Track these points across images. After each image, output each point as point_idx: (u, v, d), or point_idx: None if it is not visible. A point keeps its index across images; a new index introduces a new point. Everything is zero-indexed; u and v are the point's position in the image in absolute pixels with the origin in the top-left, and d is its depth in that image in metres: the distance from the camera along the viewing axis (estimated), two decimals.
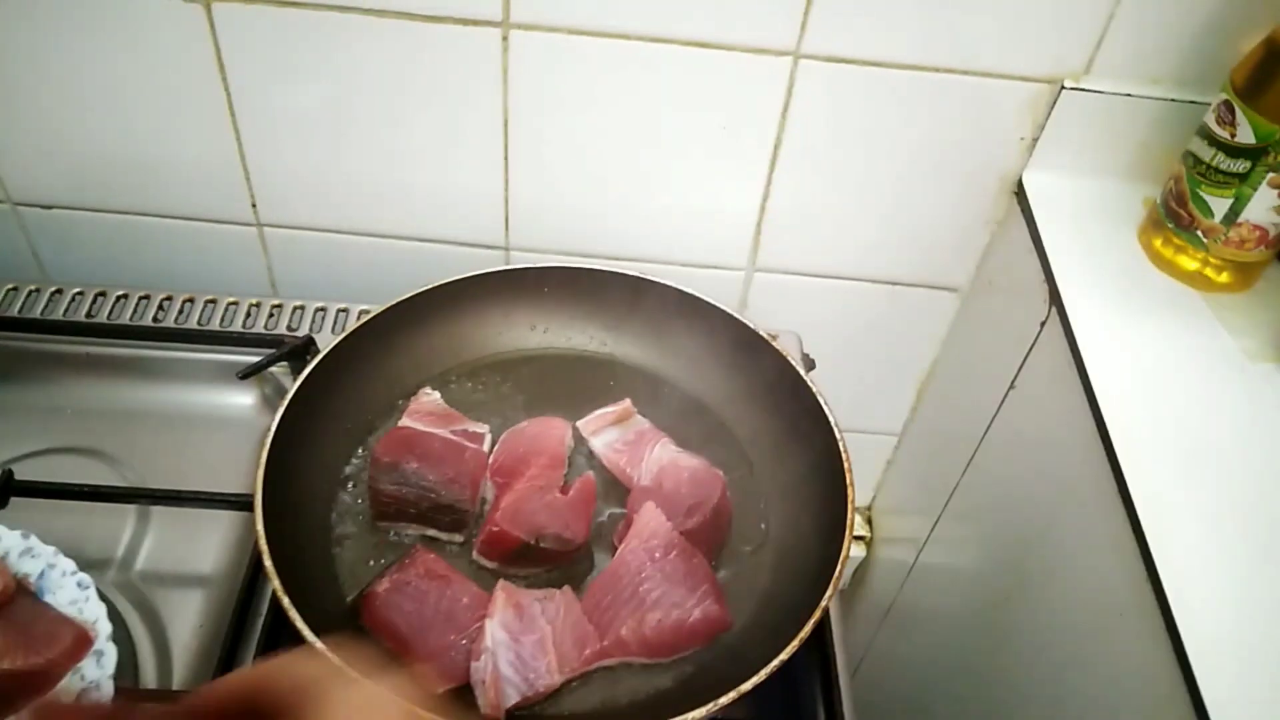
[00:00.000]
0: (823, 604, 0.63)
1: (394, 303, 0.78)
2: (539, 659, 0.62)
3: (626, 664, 0.66)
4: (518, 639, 0.63)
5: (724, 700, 0.58)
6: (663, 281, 0.81)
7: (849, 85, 0.81)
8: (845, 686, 0.70)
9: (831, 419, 0.73)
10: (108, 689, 0.60)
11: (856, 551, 1.22)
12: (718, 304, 0.80)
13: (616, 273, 0.82)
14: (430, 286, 0.79)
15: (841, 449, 0.71)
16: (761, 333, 0.79)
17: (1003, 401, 0.89)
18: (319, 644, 0.58)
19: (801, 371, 0.76)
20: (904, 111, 0.83)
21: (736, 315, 0.80)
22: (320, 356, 0.73)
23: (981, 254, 0.94)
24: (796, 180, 0.89)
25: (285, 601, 0.60)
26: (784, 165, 0.87)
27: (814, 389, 0.75)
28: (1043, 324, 0.82)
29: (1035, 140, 0.85)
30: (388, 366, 0.78)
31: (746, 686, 0.59)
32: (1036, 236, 0.84)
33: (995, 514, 0.91)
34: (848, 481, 0.70)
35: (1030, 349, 0.84)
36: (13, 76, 0.82)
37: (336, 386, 0.75)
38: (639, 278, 0.82)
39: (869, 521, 1.23)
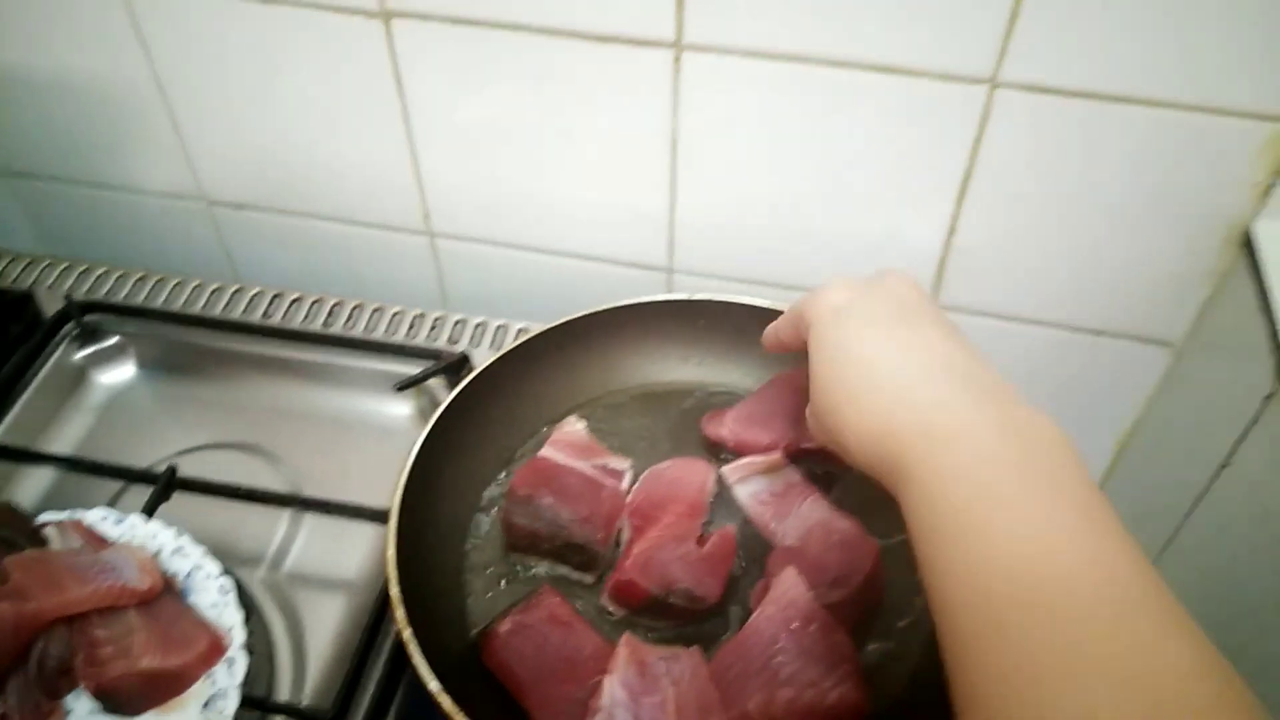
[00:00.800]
0: None
1: (548, 327, 0.76)
2: None
3: None
4: (638, 699, 0.60)
5: None
6: None
7: (1052, 116, 0.73)
8: None
9: None
10: (234, 699, 0.61)
11: None
12: None
13: (778, 310, 0.77)
14: (587, 313, 0.77)
15: None
16: None
17: (1215, 478, 0.78)
18: (432, 684, 0.57)
19: None
20: (1115, 147, 0.74)
21: None
22: (470, 378, 0.73)
23: (1200, 309, 0.83)
24: (988, 216, 0.81)
25: (406, 634, 0.59)
26: (974, 199, 0.80)
27: None
28: (1268, 398, 0.71)
29: (1270, 187, 0.74)
30: (537, 391, 0.77)
31: None
32: (1265, 294, 0.73)
33: (1197, 601, 0.81)
34: None
35: (1252, 424, 0.74)
36: (207, 82, 0.86)
37: (484, 408, 0.74)
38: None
39: None
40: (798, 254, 0.87)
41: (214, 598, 0.65)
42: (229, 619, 0.64)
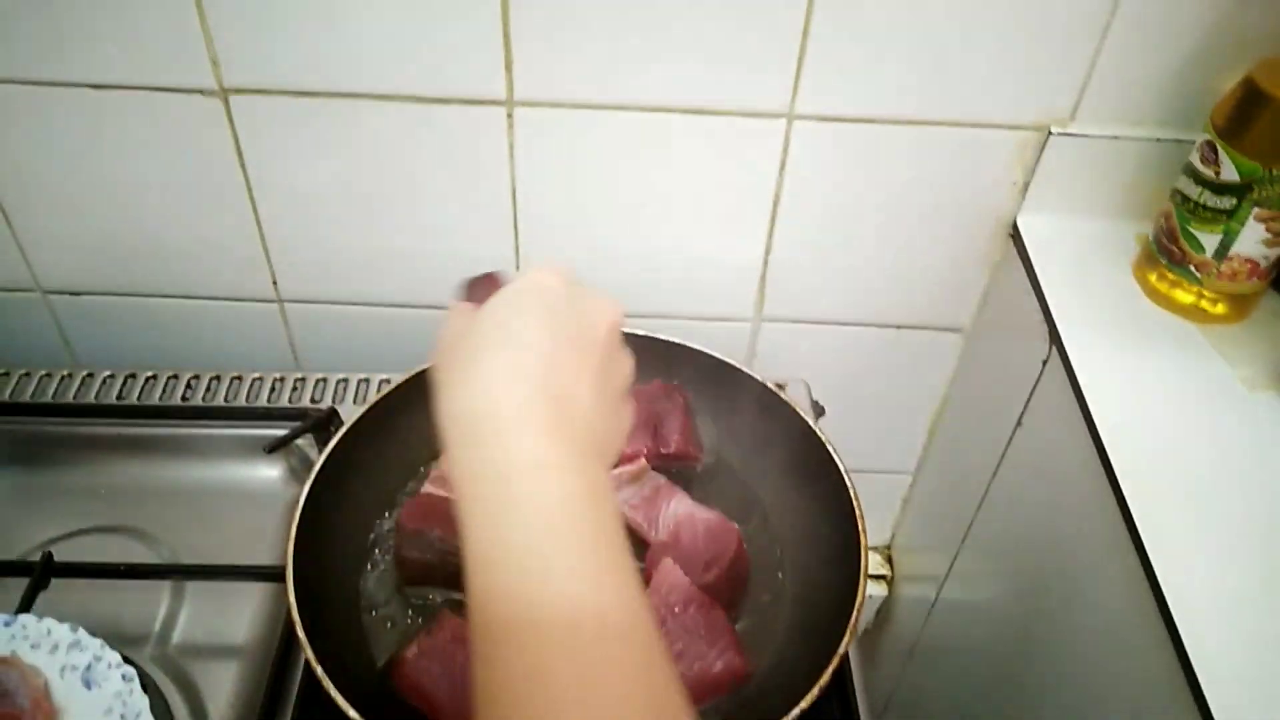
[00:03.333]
0: (840, 650, 0.65)
1: (412, 373, 0.80)
2: None
3: None
4: None
5: None
6: (670, 339, 0.84)
7: (842, 141, 0.84)
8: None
9: (842, 467, 0.75)
10: None
11: (878, 590, 1.23)
12: (725, 358, 0.83)
13: (626, 332, 0.84)
14: None
15: (852, 495, 0.73)
16: (769, 384, 0.81)
17: (1011, 439, 0.90)
18: (353, 713, 0.60)
19: (810, 421, 0.78)
20: (898, 163, 0.86)
21: (743, 368, 0.82)
22: (343, 430, 0.76)
23: (982, 295, 0.96)
24: (797, 233, 0.91)
25: (319, 671, 0.62)
26: (784, 219, 0.90)
27: (823, 437, 0.77)
28: (1044, 362, 0.83)
29: (1027, 184, 0.87)
30: (410, 435, 0.80)
31: None
32: (1033, 276, 0.86)
33: (1011, 550, 0.92)
34: (860, 529, 0.71)
35: (1034, 387, 0.86)
36: (40, 170, 0.86)
37: (361, 457, 0.77)
38: (647, 337, 0.84)
39: (889, 560, 1.24)
40: (636, 283, 0.95)
41: (117, 686, 0.65)
42: (135, 706, 0.65)
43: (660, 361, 0.84)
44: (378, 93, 0.80)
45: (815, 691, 0.62)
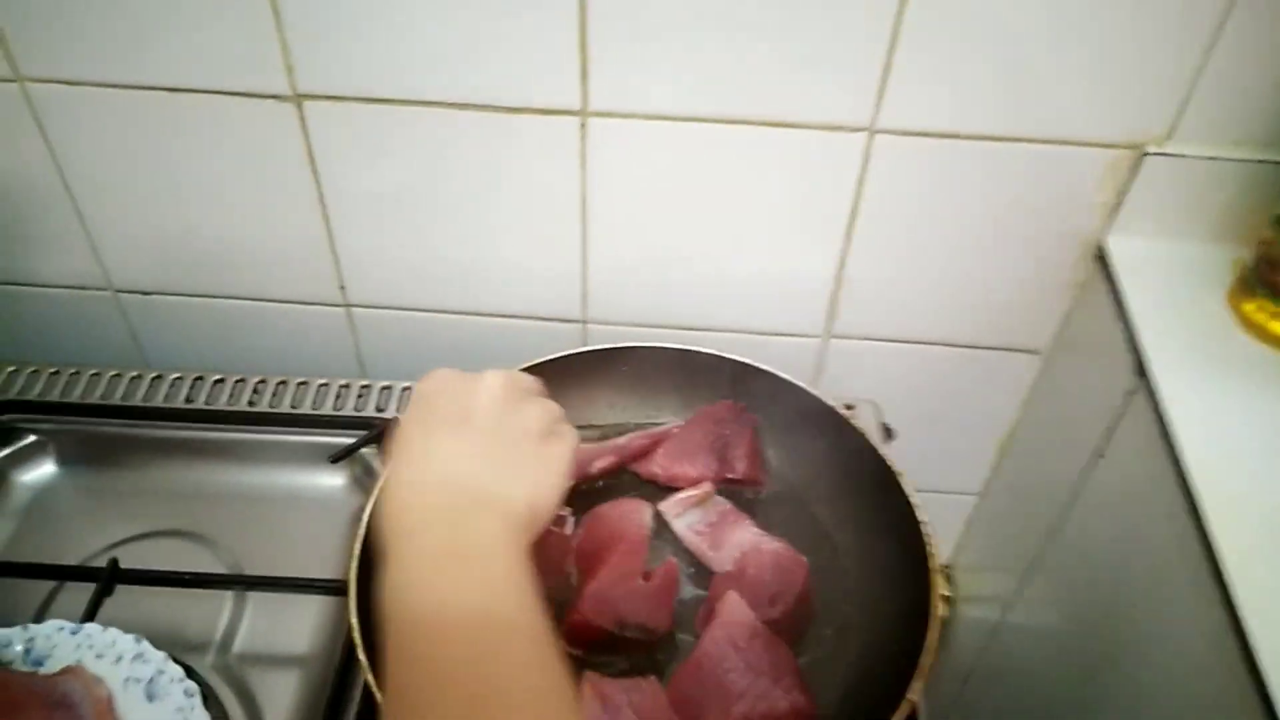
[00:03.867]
0: (910, 695, 0.62)
1: None
2: None
3: None
4: None
5: None
6: (740, 359, 0.82)
7: (924, 156, 0.81)
8: None
9: (914, 500, 0.72)
10: None
11: (940, 610, 1.20)
12: (795, 381, 0.81)
13: (692, 350, 0.83)
14: (531, 364, 0.80)
15: (925, 532, 0.71)
16: (839, 409, 0.79)
17: (1093, 469, 0.87)
18: None
19: (880, 448, 0.76)
20: (979, 180, 0.83)
21: (813, 392, 0.80)
22: None
23: (1063, 318, 0.92)
24: (872, 249, 0.89)
25: (380, 696, 0.61)
26: (860, 234, 0.88)
27: (894, 468, 0.74)
28: (1129, 393, 0.80)
29: (1117, 205, 0.83)
30: None
31: None
32: (1119, 301, 0.82)
33: (1082, 581, 0.89)
34: (931, 567, 0.69)
35: (1119, 419, 0.82)
36: (114, 171, 0.87)
37: None
38: (715, 355, 0.82)
39: (949, 579, 1.21)
40: (705, 297, 0.93)
41: (179, 701, 0.66)
42: None
43: (727, 382, 0.82)
44: (450, 101, 0.79)
45: None
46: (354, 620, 0.65)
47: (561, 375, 0.82)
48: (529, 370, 0.80)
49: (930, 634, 0.65)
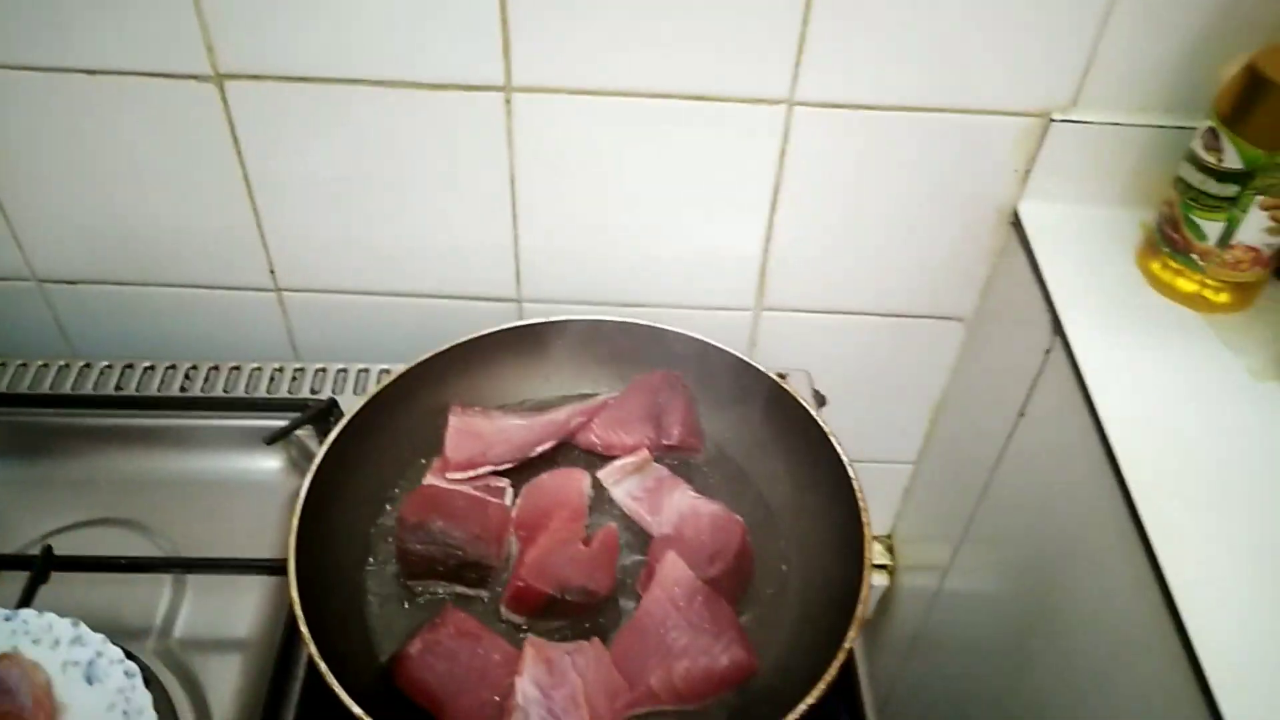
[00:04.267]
0: (846, 644, 0.64)
1: (413, 364, 0.80)
2: (571, 713, 0.64)
3: (657, 712, 0.67)
4: (549, 694, 0.64)
5: None
6: (672, 329, 0.83)
7: (843, 128, 0.84)
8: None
9: (845, 459, 0.75)
10: None
11: (880, 580, 1.23)
12: (728, 349, 0.82)
13: (626, 322, 0.84)
14: (448, 346, 0.81)
15: (856, 489, 0.73)
16: (771, 375, 0.81)
17: (1014, 429, 0.90)
18: (356, 709, 0.59)
19: (813, 411, 0.78)
20: (899, 150, 0.85)
21: (746, 359, 0.82)
22: (344, 422, 0.75)
23: (984, 284, 0.95)
24: (797, 221, 0.91)
25: (323, 667, 0.61)
26: (785, 207, 0.90)
27: (826, 429, 0.76)
28: (1047, 351, 0.83)
29: (1028, 172, 0.86)
30: (410, 426, 0.80)
31: None
32: (1035, 265, 0.85)
33: (1013, 540, 0.92)
34: (864, 521, 0.71)
35: (1037, 376, 0.86)
36: (34, 157, 0.85)
37: (362, 448, 0.76)
38: (649, 326, 0.84)
39: (890, 550, 1.24)
40: (637, 273, 0.94)
41: (120, 682, 0.65)
42: (138, 702, 0.64)
43: (661, 351, 0.84)
44: (375, 78, 0.80)
45: (823, 685, 0.62)
46: (295, 594, 0.65)
47: (496, 351, 0.83)
48: (463, 347, 0.81)
49: (864, 582, 0.67)
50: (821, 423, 0.77)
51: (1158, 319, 0.81)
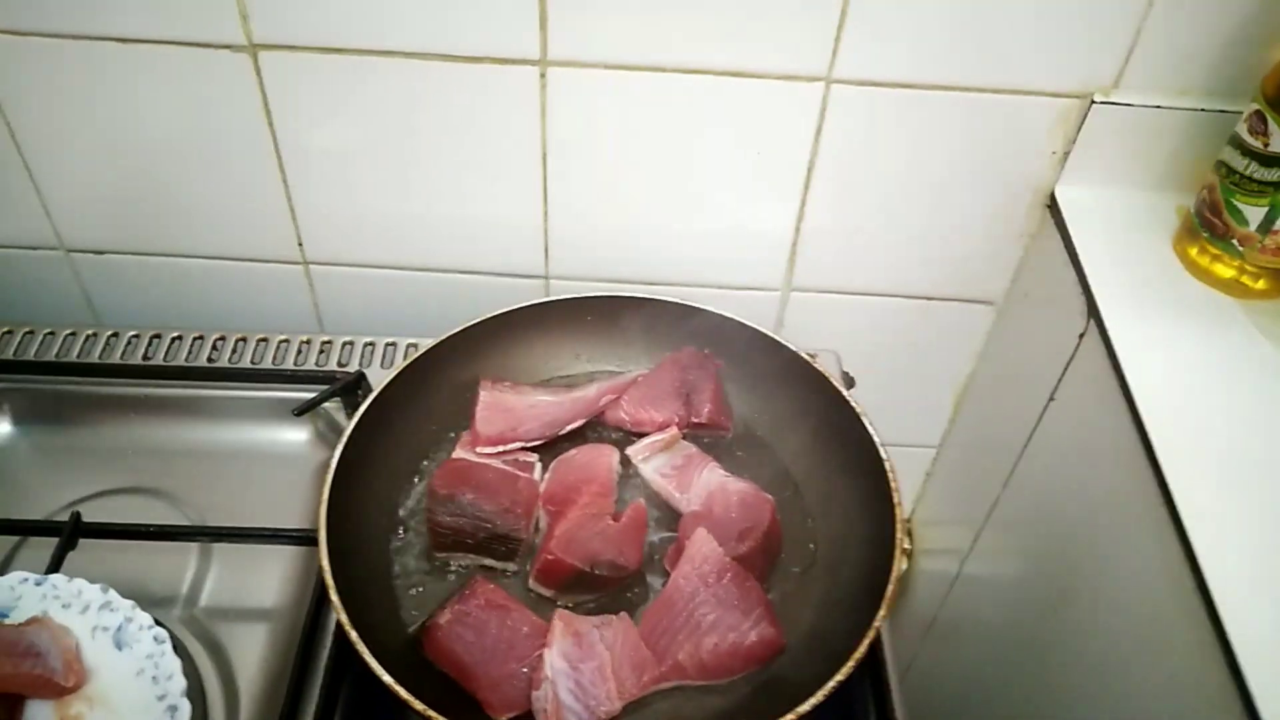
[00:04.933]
0: (876, 623, 0.64)
1: (443, 338, 0.80)
2: (598, 686, 0.64)
3: (683, 687, 0.67)
4: (577, 667, 0.64)
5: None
6: (702, 307, 0.83)
7: (880, 107, 0.83)
8: (899, 704, 0.71)
9: (876, 438, 0.74)
10: None
11: (899, 563, 1.23)
12: (758, 327, 0.82)
13: (657, 299, 0.84)
14: (478, 320, 0.81)
15: (888, 468, 0.72)
16: (802, 354, 0.80)
17: (1043, 413, 0.89)
18: (387, 677, 0.60)
19: (843, 391, 0.77)
20: (935, 130, 0.84)
21: (776, 338, 0.81)
22: (374, 394, 0.75)
23: (1016, 267, 0.95)
24: (830, 201, 0.90)
25: (353, 635, 0.61)
26: (818, 186, 0.89)
27: (857, 409, 0.76)
28: (1081, 336, 0.82)
29: (1067, 154, 0.85)
30: (439, 399, 0.80)
31: (804, 708, 0.60)
32: (1071, 248, 0.85)
33: (1038, 525, 0.92)
34: (894, 501, 0.71)
35: (1069, 361, 0.85)
36: (65, 126, 0.85)
37: (391, 421, 0.76)
38: (679, 304, 0.83)
39: (909, 533, 1.23)
40: (666, 251, 0.93)
41: (150, 648, 0.65)
42: (167, 667, 0.65)
43: (691, 328, 0.83)
44: (408, 50, 0.79)
45: (851, 664, 0.62)
46: (325, 563, 0.65)
47: (525, 327, 0.83)
48: (493, 321, 0.81)
49: (894, 563, 0.67)
50: (853, 403, 0.77)
51: (1194, 305, 0.80)
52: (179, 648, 0.69)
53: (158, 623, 0.66)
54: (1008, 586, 0.98)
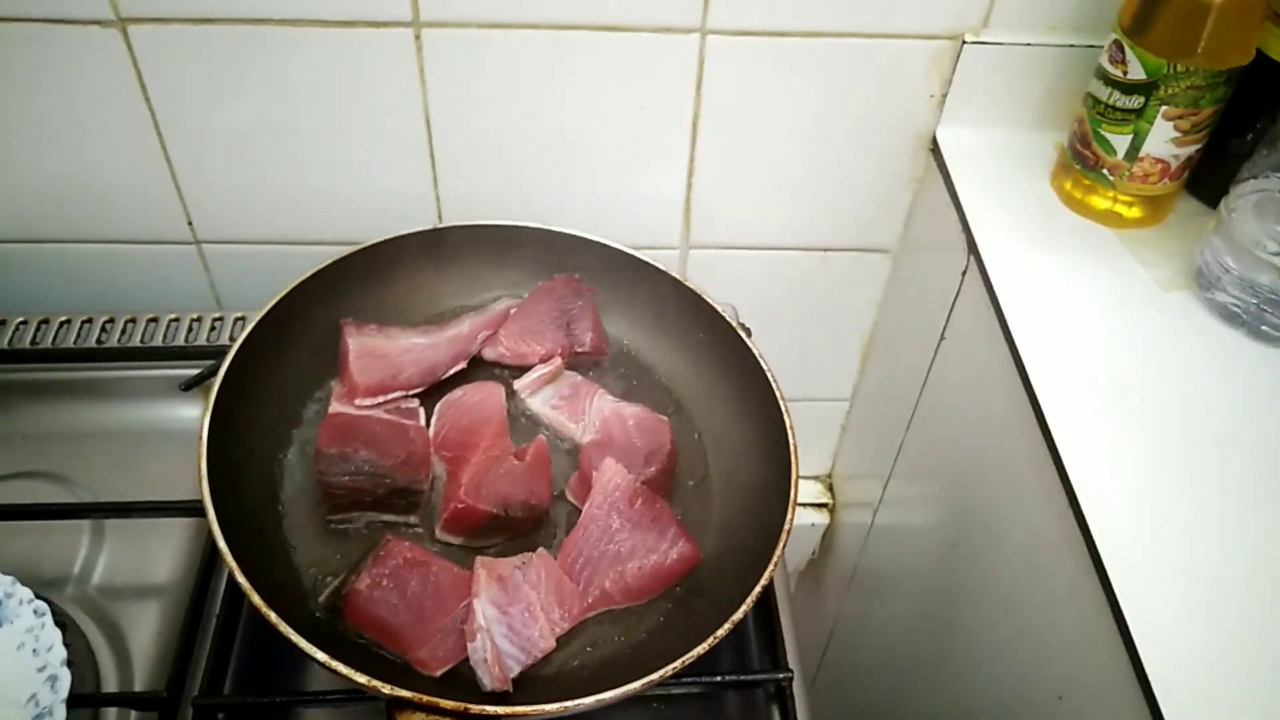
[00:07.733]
0: (786, 526, 0.67)
1: (302, 278, 0.78)
2: (530, 626, 0.64)
3: (609, 611, 0.69)
4: (507, 611, 0.64)
5: (720, 632, 0.61)
6: (564, 230, 0.84)
7: (758, 57, 0.84)
8: (785, 610, 0.73)
9: (754, 349, 0.77)
10: (60, 714, 0.61)
11: (820, 519, 1.24)
12: (621, 247, 0.84)
13: (518, 225, 0.85)
14: (337, 258, 0.79)
15: (763, 365, 0.75)
16: (671, 272, 0.82)
17: (935, 355, 0.91)
18: (298, 639, 0.58)
19: (713, 303, 0.80)
20: (814, 79, 0.86)
21: (636, 254, 0.84)
22: (237, 344, 0.72)
23: (907, 213, 0.96)
24: (719, 155, 0.91)
25: (255, 599, 0.59)
26: (705, 141, 0.90)
27: (724, 314, 0.79)
28: (963, 274, 0.84)
29: (944, 96, 0.87)
30: (307, 346, 0.78)
31: (738, 616, 0.62)
32: (952, 189, 0.86)
33: (936, 468, 0.93)
34: (777, 396, 0.74)
35: (954, 300, 0.86)
36: None
37: (259, 373, 0.74)
38: (544, 229, 0.84)
39: (830, 489, 1.25)
40: (560, 214, 0.92)
41: (30, 621, 0.65)
42: (47, 639, 0.64)
43: (557, 255, 0.84)
44: (279, 18, 0.78)
45: (771, 566, 0.64)
46: (213, 521, 0.62)
47: (404, 257, 0.83)
48: (366, 252, 0.80)
49: (793, 465, 0.69)
50: (719, 309, 0.79)
51: (1072, 237, 0.82)
52: (68, 625, 0.68)
53: (39, 596, 0.65)
54: (915, 531, 0.99)
